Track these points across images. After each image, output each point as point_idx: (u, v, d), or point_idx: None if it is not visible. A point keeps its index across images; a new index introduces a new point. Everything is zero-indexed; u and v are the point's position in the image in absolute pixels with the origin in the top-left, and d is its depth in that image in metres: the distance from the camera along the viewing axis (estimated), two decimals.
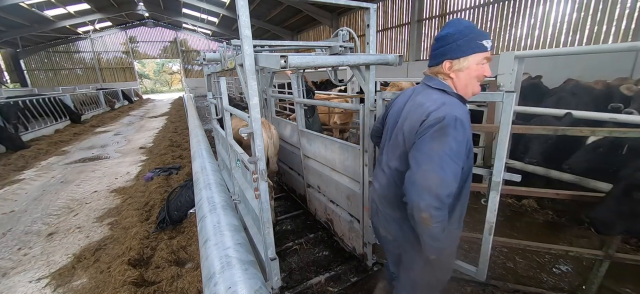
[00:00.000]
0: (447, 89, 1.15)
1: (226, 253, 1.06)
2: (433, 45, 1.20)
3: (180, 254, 2.70)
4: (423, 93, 1.19)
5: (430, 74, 1.23)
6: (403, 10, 11.34)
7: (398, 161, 1.21)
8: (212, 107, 3.37)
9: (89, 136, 9.08)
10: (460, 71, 1.13)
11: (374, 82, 1.94)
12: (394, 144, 1.24)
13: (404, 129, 1.17)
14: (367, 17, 1.84)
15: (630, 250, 2.42)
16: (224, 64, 1.97)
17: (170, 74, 39.23)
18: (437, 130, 1.02)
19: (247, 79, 1.36)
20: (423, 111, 1.09)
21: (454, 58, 1.12)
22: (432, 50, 1.20)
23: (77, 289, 2.39)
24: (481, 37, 1.09)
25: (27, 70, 21.56)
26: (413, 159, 1.06)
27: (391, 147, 1.27)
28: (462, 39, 1.09)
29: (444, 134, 1.00)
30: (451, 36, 1.12)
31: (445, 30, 1.14)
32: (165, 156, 5.93)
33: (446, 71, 1.15)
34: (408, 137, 1.14)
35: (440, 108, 1.05)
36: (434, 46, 1.19)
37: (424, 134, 1.05)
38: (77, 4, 17.26)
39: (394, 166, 1.23)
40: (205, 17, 22.59)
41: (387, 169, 1.29)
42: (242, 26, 1.29)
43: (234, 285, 0.89)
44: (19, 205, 4.09)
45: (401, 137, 1.18)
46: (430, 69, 1.23)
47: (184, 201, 3.25)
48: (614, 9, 5.55)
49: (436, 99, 1.11)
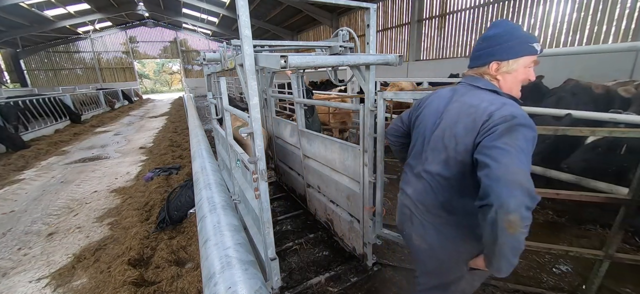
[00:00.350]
0: (498, 90, 1.09)
1: (226, 253, 1.06)
2: (478, 45, 1.13)
3: (180, 254, 2.70)
4: (471, 94, 1.11)
5: (475, 74, 1.15)
6: (403, 10, 11.34)
7: (441, 166, 1.13)
8: (212, 107, 3.37)
9: (89, 136, 9.08)
10: (508, 73, 1.08)
11: (374, 82, 1.94)
12: (435, 148, 1.16)
13: (455, 132, 1.08)
14: (367, 17, 1.84)
15: (630, 250, 2.42)
16: (224, 64, 1.97)
17: (170, 74, 39.24)
18: (508, 127, 0.93)
19: (247, 79, 1.36)
20: (481, 112, 1.01)
21: (503, 59, 1.07)
22: (477, 50, 1.13)
23: (77, 289, 2.39)
24: (532, 40, 1.04)
25: (27, 70, 21.57)
26: (487, 157, 0.92)
27: (430, 152, 1.18)
28: (514, 40, 1.04)
29: (516, 131, 0.91)
30: (500, 37, 1.06)
31: (493, 31, 1.09)
32: (165, 156, 5.93)
33: (493, 73, 1.10)
34: (463, 140, 1.05)
35: (502, 108, 0.98)
36: (479, 46, 1.13)
37: (491, 132, 0.96)
38: (77, 4, 17.27)
39: (436, 170, 1.15)
40: (205, 17, 22.60)
41: (425, 175, 1.20)
42: (242, 26, 1.29)
43: (234, 285, 0.89)
44: (19, 205, 4.09)
45: (449, 140, 1.09)
46: (474, 70, 1.16)
47: (184, 201, 3.25)
48: (614, 9, 5.55)
49: (492, 99, 1.03)
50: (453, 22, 9.37)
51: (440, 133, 1.14)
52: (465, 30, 9.00)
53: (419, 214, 1.24)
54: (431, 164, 1.17)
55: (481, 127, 1.00)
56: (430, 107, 1.24)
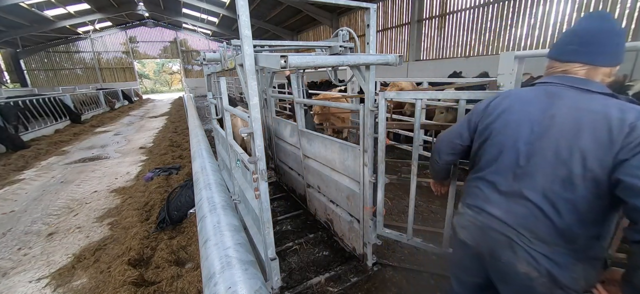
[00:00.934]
0: (615, 94, 0.94)
1: (226, 253, 1.06)
2: (610, 40, 0.95)
3: (180, 254, 2.70)
4: (585, 99, 0.94)
5: (574, 74, 1.00)
6: (403, 10, 11.34)
7: (561, 185, 0.93)
8: (212, 107, 3.38)
9: (89, 136, 9.08)
10: (610, 79, 0.97)
11: (374, 82, 1.94)
12: (546, 163, 0.97)
13: (579, 145, 0.90)
14: (367, 17, 1.84)
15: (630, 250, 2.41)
16: (224, 64, 1.97)
17: (170, 74, 39.26)
18: None
19: (247, 79, 1.36)
20: (617, 121, 0.86)
21: (620, 62, 0.96)
22: (609, 47, 0.95)
23: (77, 289, 2.39)
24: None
25: (27, 70, 21.57)
26: None
27: (536, 167, 0.99)
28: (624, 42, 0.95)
29: None
30: (622, 36, 0.95)
31: (614, 25, 0.95)
32: (165, 156, 5.93)
33: (607, 77, 0.97)
34: (595, 154, 0.88)
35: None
36: (613, 42, 0.95)
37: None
38: (77, 4, 17.27)
39: (554, 190, 0.95)
40: (205, 17, 22.60)
41: (532, 195, 0.99)
42: (242, 26, 1.29)
43: (234, 285, 0.89)
44: (19, 205, 4.09)
45: (571, 155, 0.91)
46: (589, 68, 0.98)
47: (184, 201, 3.25)
48: (614, 9, 5.55)
49: (623, 106, 0.88)
50: (453, 22, 9.37)
51: (550, 145, 0.96)
52: (465, 30, 9.01)
53: (524, 242, 1.00)
54: (541, 182, 0.97)
55: (624, 141, 0.84)
56: (514, 113, 1.05)
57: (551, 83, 1.03)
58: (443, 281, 2.19)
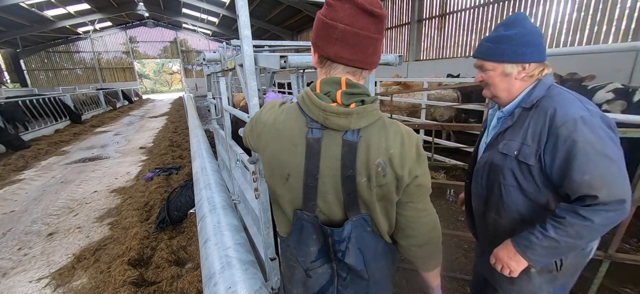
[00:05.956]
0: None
1: (226, 253, 1.06)
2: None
3: (180, 254, 2.70)
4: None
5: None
6: (403, 10, 11.33)
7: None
8: (212, 107, 3.37)
9: (88, 136, 9.08)
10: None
11: (374, 82, 1.93)
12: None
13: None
14: None
15: (630, 250, 2.42)
16: (224, 64, 1.97)
17: (170, 74, 39.26)
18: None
19: (247, 79, 1.36)
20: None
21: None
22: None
23: (77, 289, 2.39)
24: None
25: (27, 70, 21.58)
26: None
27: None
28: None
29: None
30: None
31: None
32: (165, 156, 5.93)
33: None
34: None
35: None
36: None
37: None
38: (77, 4, 17.28)
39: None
40: (205, 17, 22.61)
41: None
42: (242, 26, 1.29)
43: (234, 285, 0.89)
44: (19, 205, 4.09)
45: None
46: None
47: (184, 201, 3.25)
48: (614, 9, 5.55)
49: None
50: (453, 22, 9.36)
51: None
52: (465, 30, 8.99)
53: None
54: None
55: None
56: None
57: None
58: (443, 281, 2.18)
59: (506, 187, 1.05)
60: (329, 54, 0.73)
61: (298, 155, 0.76)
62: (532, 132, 0.97)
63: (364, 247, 0.84)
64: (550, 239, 0.92)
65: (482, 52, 1.06)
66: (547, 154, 0.94)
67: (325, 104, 0.71)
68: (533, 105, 1.00)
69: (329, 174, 0.76)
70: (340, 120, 0.72)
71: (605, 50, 2.02)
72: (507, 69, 1.02)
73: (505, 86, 1.05)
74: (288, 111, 0.80)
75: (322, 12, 0.72)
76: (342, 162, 0.75)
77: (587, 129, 0.87)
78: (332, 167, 0.75)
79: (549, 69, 1.03)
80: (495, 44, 1.02)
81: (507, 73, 1.03)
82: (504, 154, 1.04)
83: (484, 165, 1.13)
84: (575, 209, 0.88)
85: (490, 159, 1.10)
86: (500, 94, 1.08)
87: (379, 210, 0.82)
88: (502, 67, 1.03)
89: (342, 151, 0.74)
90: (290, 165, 0.78)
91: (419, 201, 0.84)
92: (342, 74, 0.75)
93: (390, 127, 0.77)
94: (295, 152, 0.76)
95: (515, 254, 1.00)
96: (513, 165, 1.02)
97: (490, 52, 1.03)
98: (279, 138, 0.79)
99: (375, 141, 0.74)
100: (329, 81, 0.75)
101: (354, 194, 0.78)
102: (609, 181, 0.85)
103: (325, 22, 0.71)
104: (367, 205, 0.80)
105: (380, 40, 0.73)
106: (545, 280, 1.09)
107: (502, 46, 1.00)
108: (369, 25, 0.69)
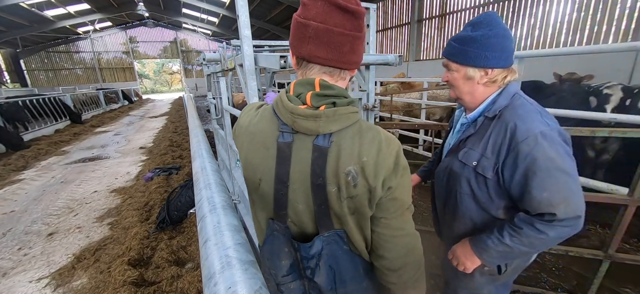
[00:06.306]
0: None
1: (226, 253, 1.06)
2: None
3: (180, 254, 2.70)
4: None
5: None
6: (403, 10, 11.33)
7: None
8: (212, 107, 3.38)
9: (88, 136, 9.08)
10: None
11: (374, 82, 1.94)
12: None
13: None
14: (367, 17, 1.84)
15: (630, 250, 2.42)
16: (224, 64, 1.97)
17: (170, 74, 39.26)
18: None
19: (247, 79, 1.37)
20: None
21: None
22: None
23: (77, 289, 2.39)
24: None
25: (27, 70, 21.58)
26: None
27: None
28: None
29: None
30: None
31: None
32: (165, 156, 5.93)
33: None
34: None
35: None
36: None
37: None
38: (77, 4, 17.28)
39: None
40: (205, 17, 22.61)
41: None
42: (242, 26, 1.29)
43: (234, 285, 0.89)
44: (19, 205, 4.09)
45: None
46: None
47: (184, 201, 3.25)
48: (614, 9, 5.55)
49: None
50: (453, 22, 9.36)
51: None
52: None
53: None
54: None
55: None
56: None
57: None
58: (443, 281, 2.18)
59: (461, 195, 1.07)
60: (303, 54, 0.69)
61: (269, 159, 0.72)
62: (492, 145, 0.96)
63: (338, 266, 0.76)
64: (505, 246, 0.95)
65: (448, 51, 1.03)
66: (507, 169, 0.94)
67: (292, 106, 0.67)
68: (495, 115, 0.98)
69: (299, 180, 0.71)
70: (308, 123, 0.67)
71: (605, 50, 2.02)
72: (469, 72, 0.98)
73: (468, 89, 1.02)
74: (262, 114, 0.77)
75: (297, 12, 0.69)
76: (311, 169, 0.69)
77: (547, 144, 0.86)
78: (302, 173, 0.70)
79: (514, 75, 1.00)
80: (460, 44, 0.98)
81: (469, 76, 0.99)
82: (462, 163, 1.04)
83: (445, 170, 1.14)
84: (533, 222, 0.90)
85: (450, 165, 1.11)
86: (464, 97, 1.05)
87: (353, 225, 0.74)
88: (465, 70, 0.99)
89: (312, 156, 0.69)
90: (261, 169, 0.74)
91: (394, 218, 0.75)
92: (318, 74, 0.71)
93: (367, 133, 0.70)
94: (267, 156, 0.73)
95: (472, 254, 1.04)
96: (470, 175, 1.02)
97: (455, 52, 1.00)
98: (252, 141, 0.75)
99: (347, 147, 0.68)
100: (303, 82, 0.70)
101: (325, 205, 0.71)
102: (567, 198, 0.86)
103: (299, 21, 0.67)
104: (339, 218, 0.73)
105: (358, 38, 0.68)
106: (487, 281, 1.15)
107: (466, 48, 0.96)
108: (344, 21, 0.64)
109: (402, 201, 0.74)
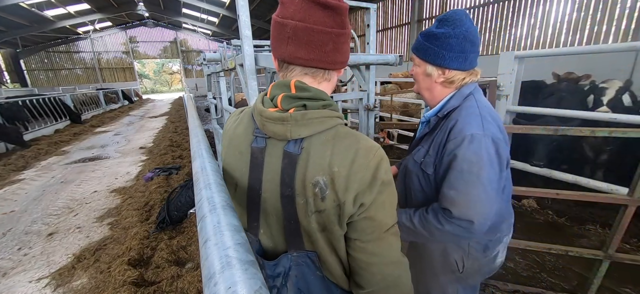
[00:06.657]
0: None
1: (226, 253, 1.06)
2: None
3: (180, 254, 2.70)
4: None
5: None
6: (403, 10, 11.34)
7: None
8: (212, 107, 3.38)
9: (88, 136, 9.07)
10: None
11: (374, 82, 1.94)
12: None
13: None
14: (367, 17, 1.84)
15: (630, 250, 2.42)
16: (224, 64, 1.97)
17: (170, 74, 39.27)
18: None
19: (248, 79, 1.37)
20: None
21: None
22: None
23: (77, 289, 2.39)
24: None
25: (27, 70, 21.58)
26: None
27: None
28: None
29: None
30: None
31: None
32: (165, 156, 5.93)
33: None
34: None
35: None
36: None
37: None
38: (77, 4, 17.29)
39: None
40: (205, 17, 22.61)
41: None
42: (242, 26, 1.29)
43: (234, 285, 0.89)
44: (19, 205, 4.09)
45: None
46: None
47: (184, 201, 3.25)
48: (614, 9, 5.55)
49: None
50: None
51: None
52: None
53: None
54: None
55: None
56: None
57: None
58: None
59: (414, 192, 1.10)
60: (283, 56, 0.64)
61: (243, 164, 0.69)
62: (435, 143, 0.98)
63: (309, 292, 0.68)
64: (412, 224, 1.01)
65: (414, 44, 1.03)
66: (439, 165, 0.97)
67: (262, 108, 0.63)
68: (445, 115, 0.99)
69: (270, 189, 0.66)
70: (276, 127, 0.62)
71: (605, 50, 2.02)
72: (428, 69, 0.99)
73: (426, 86, 1.03)
74: (242, 117, 0.74)
75: (276, 12, 0.64)
76: (281, 178, 0.63)
77: (471, 147, 0.87)
78: (272, 182, 0.65)
79: (474, 78, 0.99)
80: (424, 39, 0.97)
81: (428, 73, 1.00)
82: (414, 161, 1.07)
83: (403, 168, 1.16)
84: (436, 213, 0.95)
85: (405, 163, 1.14)
86: (424, 93, 1.07)
87: (324, 244, 0.66)
88: (425, 67, 1.00)
89: (282, 164, 0.63)
90: (237, 175, 0.71)
91: (369, 241, 0.64)
92: (299, 75, 0.66)
93: (343, 140, 0.62)
94: (241, 161, 0.70)
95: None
96: (419, 172, 1.05)
97: (419, 46, 1.00)
98: (230, 146, 0.73)
99: (316, 155, 0.61)
100: (280, 84, 0.66)
101: (295, 220, 0.64)
102: (467, 201, 0.88)
103: (277, 20, 0.62)
104: (309, 236, 0.66)
105: (341, 35, 0.62)
106: (449, 280, 1.16)
107: (428, 44, 0.95)
108: (325, 18, 0.59)
109: (380, 222, 0.64)
